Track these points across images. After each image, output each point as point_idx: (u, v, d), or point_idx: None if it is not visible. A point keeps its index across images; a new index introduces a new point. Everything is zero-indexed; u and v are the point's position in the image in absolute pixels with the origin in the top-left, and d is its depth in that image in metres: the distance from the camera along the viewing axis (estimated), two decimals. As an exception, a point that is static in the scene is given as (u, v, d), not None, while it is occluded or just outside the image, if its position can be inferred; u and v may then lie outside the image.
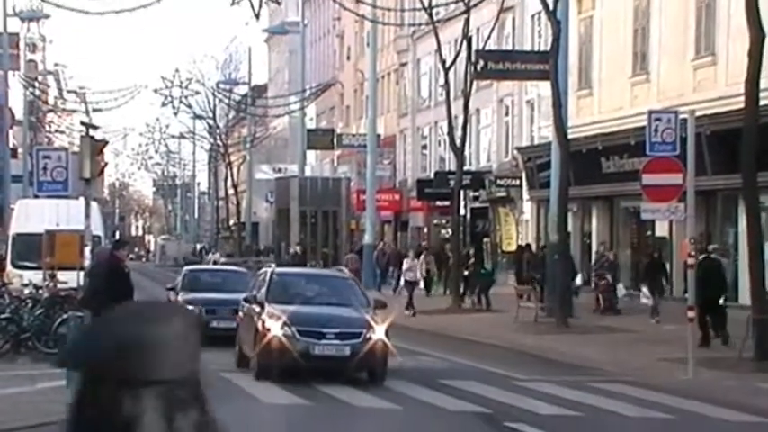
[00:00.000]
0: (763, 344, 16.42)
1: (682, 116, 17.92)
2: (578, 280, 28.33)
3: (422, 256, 31.09)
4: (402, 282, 31.04)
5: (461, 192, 35.73)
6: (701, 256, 20.75)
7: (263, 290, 15.97)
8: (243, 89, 65.24)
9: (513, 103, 39.28)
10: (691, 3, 25.57)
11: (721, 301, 19.93)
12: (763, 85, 17.76)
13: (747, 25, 17.28)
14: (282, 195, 47.59)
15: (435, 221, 47.29)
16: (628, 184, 24.22)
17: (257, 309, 15.52)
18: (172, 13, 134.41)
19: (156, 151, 78.91)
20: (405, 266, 30.45)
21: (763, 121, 18.64)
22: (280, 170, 58.88)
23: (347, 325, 14.94)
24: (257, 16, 23.06)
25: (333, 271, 18.99)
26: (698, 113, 18.95)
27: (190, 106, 57.14)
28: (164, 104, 50.21)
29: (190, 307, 20.11)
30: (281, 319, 14.79)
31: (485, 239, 40.10)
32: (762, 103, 17.90)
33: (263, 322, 14.97)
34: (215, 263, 54.22)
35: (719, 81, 24.08)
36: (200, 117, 63.61)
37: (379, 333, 14.81)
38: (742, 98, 17.77)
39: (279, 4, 27.82)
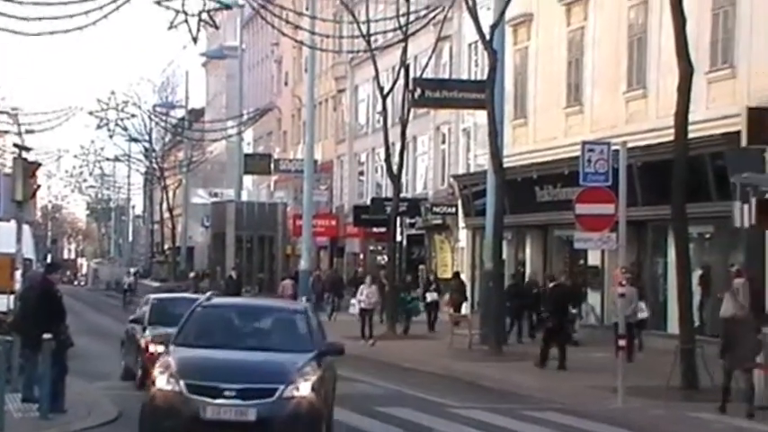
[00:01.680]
0: (689, 373, 16.71)
1: (614, 147, 18.23)
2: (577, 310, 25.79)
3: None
4: (357, 309, 29.24)
5: (398, 218, 35.85)
6: (551, 284, 22.70)
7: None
8: (180, 112, 64.92)
9: (449, 131, 39.62)
10: (623, 37, 26.06)
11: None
12: (691, 118, 18.15)
13: (677, 60, 17.68)
14: (219, 220, 47.38)
15: (371, 248, 47.39)
16: (561, 213, 24.53)
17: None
18: (108, 36, 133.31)
19: (91, 174, 78.11)
20: (361, 294, 28.53)
21: (693, 154, 19.05)
22: (216, 194, 58.59)
23: (258, 378, 11.00)
24: (195, 40, 22.96)
25: (281, 302, 14.56)
26: (630, 145, 19.28)
27: (125, 129, 56.74)
28: (99, 127, 49.77)
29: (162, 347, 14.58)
30: (169, 368, 11.16)
31: (420, 266, 40.27)
32: (691, 135, 18.28)
33: (153, 372, 11.44)
34: (129, 287, 53.35)
35: (650, 113, 24.55)
36: (135, 140, 63.16)
37: (303, 389, 10.91)
38: (672, 130, 18.13)
39: (217, 28, 27.76)
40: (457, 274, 33.11)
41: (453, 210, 36.66)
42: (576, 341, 25.20)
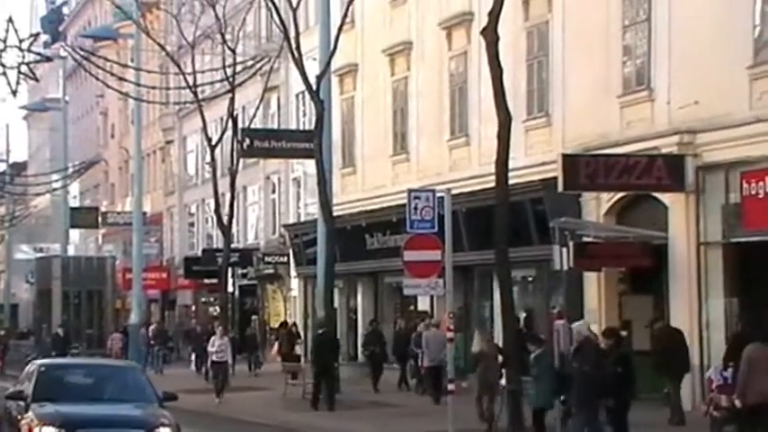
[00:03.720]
0: (515, 415, 17.15)
1: (439, 194, 18.68)
2: None
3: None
4: (209, 363, 27.59)
5: (229, 269, 35.65)
6: (319, 331, 23.84)
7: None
8: (0, 167, 62.96)
9: (279, 180, 39.76)
10: (445, 86, 26.75)
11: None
12: (511, 164, 18.74)
13: (496, 109, 18.25)
14: (44, 275, 46.10)
15: (203, 299, 46.91)
16: (391, 260, 24.89)
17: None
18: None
19: None
20: (213, 347, 26.44)
21: (514, 200, 19.67)
22: (41, 249, 57.05)
23: None
24: (14, 93, 22.51)
25: None
26: (454, 192, 19.76)
27: (-59, 185, 54.71)
28: None
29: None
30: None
31: (253, 317, 40.10)
32: (511, 182, 18.85)
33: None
34: None
35: (473, 161, 25.21)
36: (-47, 195, 60.95)
37: None
38: (493, 177, 18.68)
39: (37, 81, 27.24)
40: (285, 324, 33.00)
41: (285, 259, 36.70)
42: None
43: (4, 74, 21.70)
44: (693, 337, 18.64)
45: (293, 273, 35.98)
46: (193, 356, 35.95)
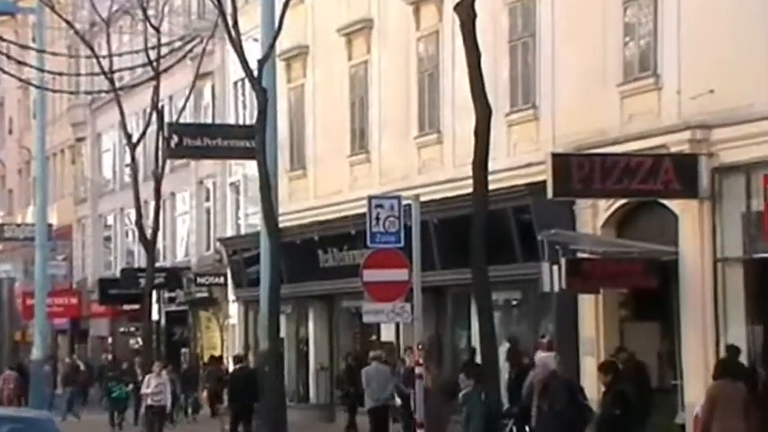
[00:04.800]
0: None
1: (406, 202, 18.79)
2: None
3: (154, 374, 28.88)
4: (143, 409, 27.11)
5: (154, 293, 35.60)
6: (237, 366, 24.95)
7: None
8: None
9: (214, 185, 39.81)
10: (412, 73, 26.86)
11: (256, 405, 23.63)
12: (492, 166, 18.86)
13: (473, 100, 18.37)
14: (-73, 302, 45.94)
15: (122, 329, 46.87)
16: (348, 280, 25.00)
17: None
18: None
19: None
20: (149, 387, 26.04)
21: (494, 208, 19.78)
22: (-77, 270, 56.67)
23: None
24: None
25: None
26: (424, 198, 19.94)
27: None
28: None
29: None
30: None
31: (183, 350, 40.12)
32: (492, 186, 18.92)
33: None
34: None
35: (446, 161, 25.34)
36: None
37: None
38: (470, 181, 18.78)
39: None
40: (216, 359, 32.91)
41: (222, 280, 36.75)
42: None
43: None
44: (709, 371, 18.85)
45: (231, 296, 36.01)
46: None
